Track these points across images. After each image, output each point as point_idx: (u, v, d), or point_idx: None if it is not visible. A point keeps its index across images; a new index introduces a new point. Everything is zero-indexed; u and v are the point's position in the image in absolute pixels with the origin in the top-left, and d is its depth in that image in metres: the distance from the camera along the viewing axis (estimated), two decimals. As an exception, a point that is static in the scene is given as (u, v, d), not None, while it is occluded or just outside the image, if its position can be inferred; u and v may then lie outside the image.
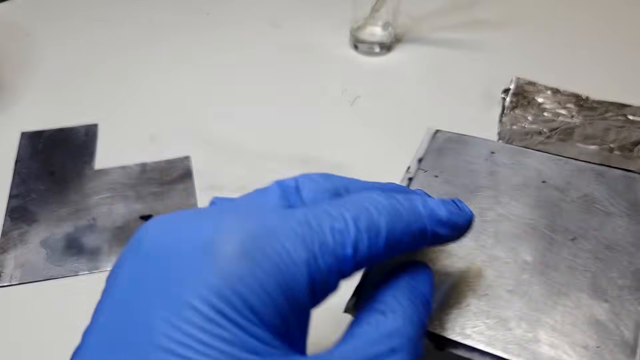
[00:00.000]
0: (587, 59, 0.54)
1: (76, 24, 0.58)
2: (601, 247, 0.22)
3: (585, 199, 0.23)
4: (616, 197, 0.23)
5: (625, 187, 0.24)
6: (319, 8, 0.60)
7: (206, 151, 0.44)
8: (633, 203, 0.23)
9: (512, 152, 0.28)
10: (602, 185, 0.24)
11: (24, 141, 0.44)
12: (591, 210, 0.23)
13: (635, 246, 0.21)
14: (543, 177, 0.25)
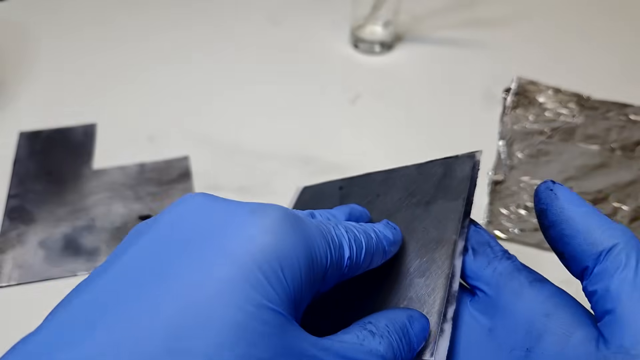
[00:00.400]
0: (588, 59, 0.54)
1: (75, 23, 0.58)
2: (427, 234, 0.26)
3: (409, 198, 0.28)
4: (431, 185, 0.27)
5: (440, 174, 0.28)
6: (319, 7, 0.60)
7: (205, 151, 0.44)
8: (440, 185, 0.27)
9: (354, 181, 0.33)
10: (421, 181, 0.28)
11: (22, 141, 0.44)
12: (414, 205, 0.27)
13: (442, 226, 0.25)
14: (377, 192, 0.30)
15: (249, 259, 0.16)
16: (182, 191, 0.40)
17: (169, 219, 0.18)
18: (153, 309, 0.15)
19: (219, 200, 0.19)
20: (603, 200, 0.39)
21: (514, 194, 0.40)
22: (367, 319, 0.20)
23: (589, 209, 0.20)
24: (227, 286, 0.16)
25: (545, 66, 0.52)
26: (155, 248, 0.17)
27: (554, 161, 0.42)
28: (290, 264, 0.17)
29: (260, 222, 0.17)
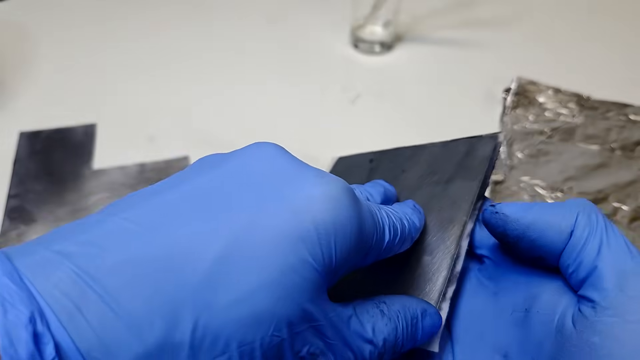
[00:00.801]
0: (588, 59, 0.54)
1: (75, 23, 0.58)
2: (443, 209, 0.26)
3: (430, 175, 0.29)
4: (452, 164, 0.28)
5: (463, 153, 0.29)
6: (319, 7, 0.60)
7: (205, 151, 0.43)
8: (462, 165, 0.28)
9: (385, 155, 0.33)
10: (444, 159, 0.29)
11: (22, 141, 0.44)
12: (434, 183, 0.28)
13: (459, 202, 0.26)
14: (403, 168, 0.31)
15: (308, 216, 0.17)
16: (182, 191, 0.40)
17: (240, 161, 0.19)
18: (212, 231, 0.16)
19: (288, 155, 0.20)
20: (603, 200, 0.39)
21: (513, 194, 0.40)
22: (383, 298, 0.21)
23: (538, 206, 0.21)
24: (282, 233, 0.17)
25: (545, 66, 0.52)
26: (224, 181, 0.18)
27: (554, 161, 0.42)
28: (343, 233, 0.18)
29: (324, 187, 0.18)
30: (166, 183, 0.19)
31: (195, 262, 0.16)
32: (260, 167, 0.19)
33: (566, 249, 0.20)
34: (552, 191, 0.40)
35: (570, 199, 0.21)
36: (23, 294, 0.14)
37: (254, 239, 0.16)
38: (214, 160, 0.20)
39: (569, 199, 0.22)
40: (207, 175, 0.18)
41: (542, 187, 0.40)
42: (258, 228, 0.17)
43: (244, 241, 0.16)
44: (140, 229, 0.16)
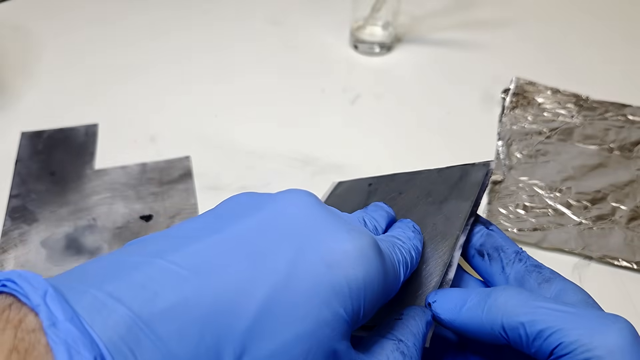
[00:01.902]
0: (587, 59, 0.54)
1: (76, 23, 0.58)
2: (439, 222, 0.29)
3: (426, 197, 0.31)
4: (447, 187, 0.31)
5: (457, 178, 0.31)
6: (319, 8, 0.60)
7: (206, 151, 0.44)
8: (455, 187, 0.31)
9: (382, 179, 0.36)
10: (439, 183, 0.32)
11: (24, 141, 0.44)
12: (429, 203, 0.31)
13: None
14: (400, 191, 0.34)
15: (341, 271, 0.18)
16: (183, 191, 0.40)
17: (276, 206, 0.20)
18: (254, 279, 0.17)
19: (321, 205, 0.21)
20: (601, 200, 0.40)
21: (512, 194, 0.40)
22: (397, 335, 0.22)
23: (470, 302, 0.23)
24: (317, 286, 0.18)
25: (543, 67, 0.52)
26: (264, 228, 0.19)
27: (553, 161, 0.43)
28: (372, 288, 0.19)
29: (355, 242, 0.19)
30: (204, 225, 0.19)
31: (241, 309, 0.16)
32: (296, 215, 0.20)
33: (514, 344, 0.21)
34: (551, 191, 0.40)
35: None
36: (86, 339, 0.14)
37: (292, 290, 0.17)
38: (250, 203, 0.21)
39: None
40: (246, 221, 0.19)
41: (540, 187, 0.41)
42: (296, 279, 0.18)
43: (284, 292, 0.17)
44: (187, 274, 0.17)
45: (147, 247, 0.18)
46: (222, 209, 0.21)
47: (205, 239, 0.18)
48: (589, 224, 0.38)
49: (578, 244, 0.37)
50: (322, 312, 0.18)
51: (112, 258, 0.17)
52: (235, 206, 0.21)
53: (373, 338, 0.21)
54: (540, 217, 0.39)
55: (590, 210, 0.39)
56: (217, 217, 0.20)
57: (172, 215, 0.39)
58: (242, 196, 0.22)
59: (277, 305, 0.17)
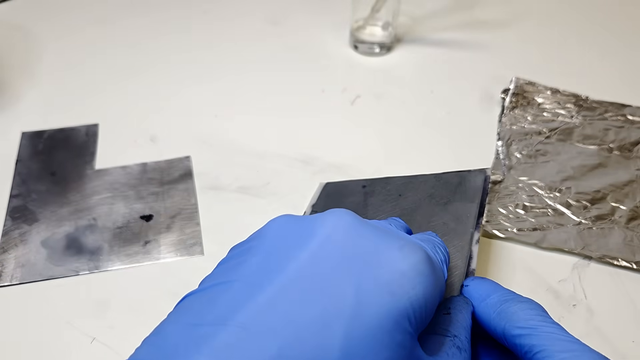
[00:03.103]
0: (586, 59, 0.54)
1: (76, 23, 0.58)
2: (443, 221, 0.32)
3: (429, 199, 0.33)
4: (448, 191, 0.33)
5: (456, 183, 0.34)
6: (319, 9, 0.60)
7: (206, 151, 0.44)
8: (457, 191, 0.33)
9: (376, 182, 0.37)
10: (439, 187, 0.34)
11: (24, 141, 0.44)
12: (433, 204, 0.33)
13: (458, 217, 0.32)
14: (399, 193, 0.35)
15: (404, 295, 0.19)
16: (183, 191, 0.40)
17: (324, 236, 0.20)
18: (326, 327, 0.17)
19: (367, 226, 0.21)
20: (601, 200, 0.40)
21: (512, 194, 0.40)
22: (451, 331, 0.23)
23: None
24: (386, 317, 0.18)
25: (543, 67, 0.53)
26: (318, 264, 0.19)
27: (552, 161, 0.43)
28: (432, 299, 0.20)
29: (410, 260, 0.20)
30: (259, 265, 0.19)
31: (324, 357, 0.17)
32: (346, 242, 0.20)
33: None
34: (550, 191, 0.40)
35: None
36: None
37: (364, 324, 0.18)
38: (294, 231, 0.21)
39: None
40: (300, 256, 0.19)
41: (540, 187, 0.41)
42: (365, 313, 0.18)
43: (357, 329, 0.18)
44: (260, 337, 0.17)
45: (212, 308, 0.18)
46: (269, 240, 0.21)
47: (268, 286, 0.18)
48: (589, 224, 0.38)
49: (578, 243, 0.37)
50: (395, 337, 0.18)
51: (181, 330, 0.17)
52: (281, 237, 0.21)
53: (430, 337, 0.22)
54: (539, 217, 0.39)
55: (589, 210, 0.39)
56: (268, 254, 0.20)
57: (173, 215, 0.39)
58: (283, 223, 0.22)
59: (354, 344, 0.17)
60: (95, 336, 0.32)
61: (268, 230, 0.22)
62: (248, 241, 0.22)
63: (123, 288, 0.35)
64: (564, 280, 0.36)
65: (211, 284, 0.19)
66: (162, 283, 0.35)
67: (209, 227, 0.38)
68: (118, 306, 0.34)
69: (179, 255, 0.36)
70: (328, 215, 0.21)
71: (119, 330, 0.32)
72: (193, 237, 0.37)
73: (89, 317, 0.33)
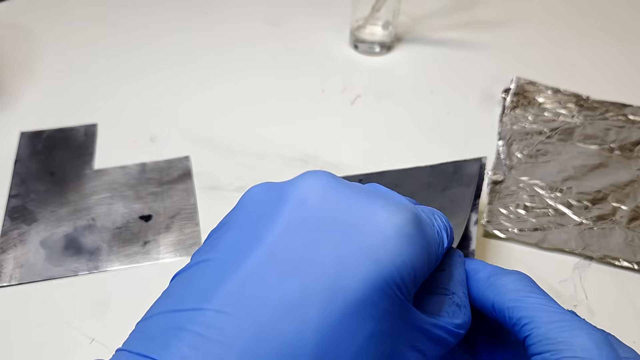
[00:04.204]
0: (587, 59, 0.54)
1: (75, 24, 0.58)
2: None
3: (426, 187, 0.34)
4: (445, 179, 0.34)
5: (452, 171, 0.34)
6: (318, 8, 0.60)
7: (206, 151, 0.44)
8: (453, 179, 0.33)
9: (373, 176, 0.37)
10: (435, 176, 0.35)
11: (23, 141, 0.44)
12: (431, 191, 0.33)
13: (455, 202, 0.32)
14: (396, 184, 0.35)
15: (389, 261, 0.18)
16: (182, 191, 0.40)
17: (300, 200, 0.19)
18: (305, 302, 0.16)
19: (347, 185, 0.20)
20: (602, 200, 0.40)
21: (513, 194, 0.40)
22: (449, 288, 0.23)
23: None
24: (370, 285, 0.17)
25: (544, 67, 0.52)
26: (295, 234, 0.18)
27: (553, 161, 0.43)
28: (421, 263, 0.19)
29: (396, 222, 0.19)
30: (239, 233, 0.19)
31: (299, 346, 0.16)
32: (325, 207, 0.19)
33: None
34: (551, 191, 0.40)
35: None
36: None
37: (345, 300, 0.17)
38: (270, 199, 0.20)
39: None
40: (272, 231, 0.18)
41: (541, 187, 0.41)
42: (347, 283, 0.17)
43: (336, 307, 0.17)
44: (235, 321, 0.16)
45: (190, 290, 0.18)
46: (244, 212, 0.20)
47: (241, 264, 0.17)
48: (590, 224, 0.38)
49: (578, 244, 0.37)
50: (380, 307, 0.17)
51: (164, 316, 0.17)
52: (256, 207, 0.20)
53: (427, 297, 0.22)
54: (540, 217, 0.38)
55: (590, 210, 0.39)
56: (242, 227, 0.19)
57: (172, 215, 0.39)
58: (258, 191, 0.21)
59: (334, 320, 0.16)
60: (94, 337, 0.32)
61: (244, 200, 0.21)
62: (229, 214, 0.21)
63: (122, 288, 0.34)
64: (564, 281, 0.35)
65: (193, 262, 0.19)
66: (162, 283, 0.35)
67: (209, 227, 0.38)
68: (117, 307, 0.33)
69: (178, 256, 0.36)
70: (302, 178, 0.20)
71: (118, 331, 0.32)
72: (192, 237, 0.37)
73: (88, 318, 0.33)
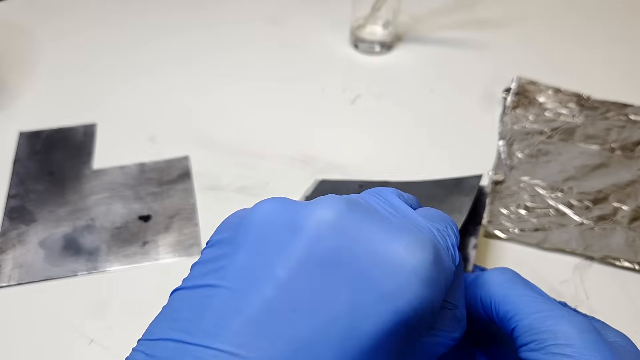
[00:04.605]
0: (588, 59, 0.54)
1: (74, 23, 0.58)
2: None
3: (426, 198, 0.33)
4: (445, 191, 0.35)
5: (452, 184, 0.36)
6: (319, 7, 0.60)
7: (205, 151, 0.44)
8: (453, 191, 0.35)
9: (374, 184, 0.37)
10: (436, 190, 0.36)
11: (22, 141, 0.44)
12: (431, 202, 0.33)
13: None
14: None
15: (407, 304, 0.17)
16: (182, 191, 0.40)
17: (313, 231, 0.18)
18: (318, 337, 0.16)
19: (365, 216, 0.18)
20: (603, 200, 0.39)
21: (514, 194, 0.40)
22: (453, 302, 0.21)
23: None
24: (383, 329, 0.16)
25: (545, 66, 0.52)
26: (305, 274, 0.17)
27: (554, 161, 0.42)
28: (438, 299, 0.18)
29: (416, 265, 0.17)
30: (239, 270, 0.17)
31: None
32: (342, 241, 0.17)
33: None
34: (552, 191, 0.40)
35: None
36: None
37: (361, 346, 0.16)
38: (283, 225, 0.18)
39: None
40: (287, 264, 0.17)
41: (542, 187, 0.40)
42: (362, 336, 0.16)
43: (351, 351, 0.16)
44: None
45: (200, 320, 0.17)
46: (254, 233, 0.18)
47: (254, 297, 0.16)
48: (591, 224, 0.38)
49: (579, 244, 0.37)
50: (396, 346, 0.17)
51: (172, 346, 0.16)
52: (267, 230, 0.18)
53: None
54: (541, 217, 0.38)
55: (591, 210, 0.39)
56: (253, 252, 0.18)
57: (171, 216, 0.38)
58: (270, 210, 0.19)
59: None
60: (93, 337, 0.32)
61: (254, 219, 0.19)
62: (236, 226, 0.19)
63: (121, 289, 0.34)
64: (565, 281, 0.35)
65: (199, 283, 0.18)
66: (161, 284, 0.34)
67: (208, 228, 0.38)
68: (116, 307, 0.33)
69: (177, 256, 0.36)
70: (319, 205, 0.18)
71: (117, 332, 0.32)
72: (192, 238, 0.37)
73: (87, 318, 0.33)
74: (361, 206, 0.19)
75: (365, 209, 0.19)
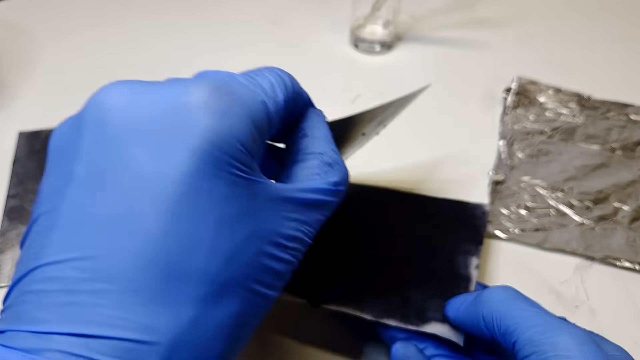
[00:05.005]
0: (589, 59, 0.54)
1: (74, 23, 0.57)
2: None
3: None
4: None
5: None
6: (319, 6, 0.60)
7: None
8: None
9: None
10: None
11: (21, 141, 0.44)
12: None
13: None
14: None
15: (203, 141, 0.18)
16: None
17: (96, 118, 0.20)
18: (130, 204, 0.17)
19: (149, 90, 0.21)
20: (604, 200, 0.39)
21: (514, 194, 0.40)
22: (315, 151, 0.23)
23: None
24: (189, 172, 0.17)
25: (545, 66, 0.52)
26: (103, 153, 0.18)
27: (555, 161, 0.42)
28: (244, 133, 0.19)
29: (196, 102, 0.19)
30: (49, 191, 0.20)
31: (147, 258, 0.17)
32: (127, 115, 0.19)
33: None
34: (553, 191, 0.40)
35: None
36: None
37: (175, 194, 0.17)
38: (72, 132, 0.21)
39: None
40: (80, 160, 0.19)
41: (542, 187, 0.40)
42: (171, 184, 0.17)
43: (165, 205, 0.17)
44: (74, 263, 0.17)
45: (31, 249, 0.19)
46: (55, 148, 0.22)
47: (65, 200, 0.19)
48: (591, 225, 0.38)
49: (580, 244, 0.37)
50: (221, 191, 0.18)
51: (14, 285, 0.18)
52: (64, 138, 0.21)
53: (294, 166, 0.22)
54: (542, 217, 0.38)
55: (592, 210, 0.39)
56: (57, 162, 0.21)
57: (171, 216, 0.38)
58: (63, 125, 0.22)
59: (170, 214, 0.17)
60: (92, 338, 0.32)
61: (51, 144, 0.22)
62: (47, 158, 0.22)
63: (121, 289, 0.34)
64: (566, 281, 0.35)
65: (31, 220, 0.20)
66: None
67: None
68: (116, 308, 0.33)
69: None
70: (97, 93, 0.21)
71: (116, 332, 0.32)
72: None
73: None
74: (146, 85, 0.21)
75: (151, 83, 0.21)
